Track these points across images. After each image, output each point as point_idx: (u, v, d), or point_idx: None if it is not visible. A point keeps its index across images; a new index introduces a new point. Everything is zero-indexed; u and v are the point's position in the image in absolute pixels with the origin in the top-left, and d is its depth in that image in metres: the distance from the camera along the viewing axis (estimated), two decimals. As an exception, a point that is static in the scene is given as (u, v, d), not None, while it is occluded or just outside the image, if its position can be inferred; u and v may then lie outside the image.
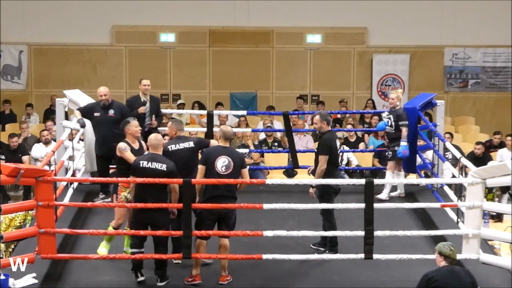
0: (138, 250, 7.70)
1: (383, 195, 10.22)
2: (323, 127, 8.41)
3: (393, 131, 10.21)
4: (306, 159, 12.17)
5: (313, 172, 8.51)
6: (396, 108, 10.25)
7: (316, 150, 8.58)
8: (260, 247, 8.36)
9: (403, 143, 10.08)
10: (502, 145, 13.76)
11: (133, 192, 7.72)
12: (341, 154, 12.42)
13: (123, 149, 8.07)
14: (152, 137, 7.90)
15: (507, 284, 7.62)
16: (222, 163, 7.66)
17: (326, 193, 8.35)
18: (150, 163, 7.63)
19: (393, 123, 10.19)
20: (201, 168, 7.74)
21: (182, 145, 8.12)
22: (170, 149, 8.06)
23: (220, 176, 7.64)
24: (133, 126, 8.26)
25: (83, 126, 9.88)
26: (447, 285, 6.32)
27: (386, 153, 10.40)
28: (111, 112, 9.91)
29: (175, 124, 8.34)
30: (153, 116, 10.23)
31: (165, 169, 7.63)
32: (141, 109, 10.13)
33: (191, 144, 8.17)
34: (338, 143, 8.48)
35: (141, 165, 7.65)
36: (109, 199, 9.63)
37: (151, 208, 7.53)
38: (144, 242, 7.74)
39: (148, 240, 7.76)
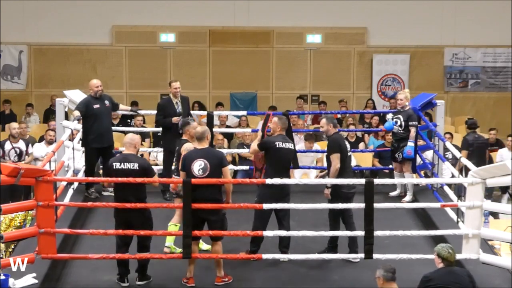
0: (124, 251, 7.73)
1: (407, 198, 10.25)
2: (330, 130, 8.36)
3: (402, 131, 10.19)
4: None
5: (327, 173, 8.40)
6: (406, 108, 10.25)
7: (326, 152, 8.42)
8: (260, 247, 8.36)
9: (410, 144, 10.08)
10: (498, 142, 13.76)
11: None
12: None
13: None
14: (129, 136, 7.92)
15: (507, 284, 7.62)
16: (198, 166, 7.62)
17: (335, 196, 8.18)
18: (122, 164, 7.64)
19: (402, 123, 10.17)
20: (182, 174, 7.75)
21: (288, 145, 8.37)
22: (277, 146, 8.25)
23: (197, 179, 7.56)
24: (193, 127, 8.35)
25: (77, 118, 10.02)
26: (445, 285, 6.45)
27: (396, 155, 10.34)
28: (107, 102, 10.19)
29: (281, 122, 8.48)
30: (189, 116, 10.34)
31: (137, 167, 7.63)
32: (175, 119, 10.12)
33: (292, 146, 8.49)
34: (348, 145, 8.40)
35: (114, 167, 7.67)
36: None
37: (130, 208, 7.54)
38: (129, 244, 7.76)
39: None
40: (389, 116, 10.44)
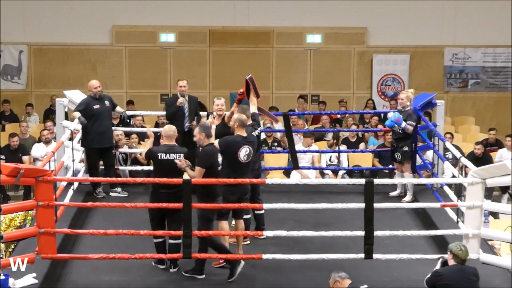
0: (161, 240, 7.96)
1: (407, 198, 10.24)
2: (202, 140, 7.90)
3: (401, 131, 10.17)
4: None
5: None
6: (406, 108, 10.23)
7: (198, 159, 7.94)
8: (260, 247, 8.37)
9: (396, 115, 10.07)
10: (498, 143, 13.78)
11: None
12: (337, 154, 12.51)
13: None
14: (167, 128, 8.18)
15: (507, 284, 7.62)
16: (244, 152, 8.00)
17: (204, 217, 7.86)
18: (168, 154, 7.90)
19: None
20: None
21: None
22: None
23: (242, 164, 8.00)
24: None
25: (84, 123, 9.99)
26: (453, 281, 6.63)
27: (395, 155, 10.32)
28: (107, 103, 10.22)
29: (243, 111, 8.48)
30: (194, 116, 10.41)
31: (182, 157, 7.90)
32: (180, 100, 10.22)
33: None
34: (220, 158, 8.03)
35: (159, 157, 7.91)
36: (126, 194, 10.22)
37: (167, 198, 7.68)
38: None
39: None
40: (390, 114, 10.40)
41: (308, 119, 15.35)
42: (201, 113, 13.69)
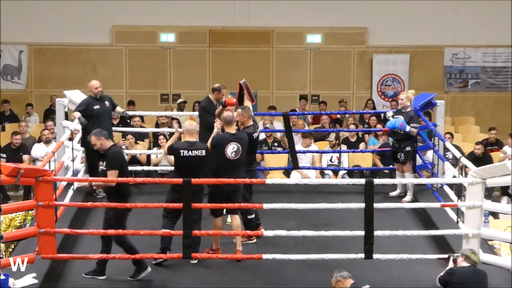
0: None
1: (407, 198, 10.24)
2: (104, 144, 7.81)
3: (402, 132, 10.15)
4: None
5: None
6: (407, 109, 10.22)
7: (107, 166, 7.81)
8: (260, 247, 8.37)
9: (399, 120, 10.04)
10: (498, 142, 13.79)
11: None
12: (338, 154, 12.51)
13: None
14: (187, 123, 8.22)
15: (507, 284, 7.62)
16: (232, 149, 8.05)
17: (117, 219, 7.73)
18: (190, 151, 7.94)
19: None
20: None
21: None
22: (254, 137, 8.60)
23: (230, 161, 8.05)
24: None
25: (84, 123, 9.99)
26: (466, 281, 6.87)
27: (398, 155, 10.30)
28: (107, 103, 10.22)
29: (245, 111, 8.63)
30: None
31: (204, 154, 8.00)
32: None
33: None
34: (125, 158, 8.00)
35: (181, 154, 7.93)
36: None
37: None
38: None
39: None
40: (389, 114, 10.37)
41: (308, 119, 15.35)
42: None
